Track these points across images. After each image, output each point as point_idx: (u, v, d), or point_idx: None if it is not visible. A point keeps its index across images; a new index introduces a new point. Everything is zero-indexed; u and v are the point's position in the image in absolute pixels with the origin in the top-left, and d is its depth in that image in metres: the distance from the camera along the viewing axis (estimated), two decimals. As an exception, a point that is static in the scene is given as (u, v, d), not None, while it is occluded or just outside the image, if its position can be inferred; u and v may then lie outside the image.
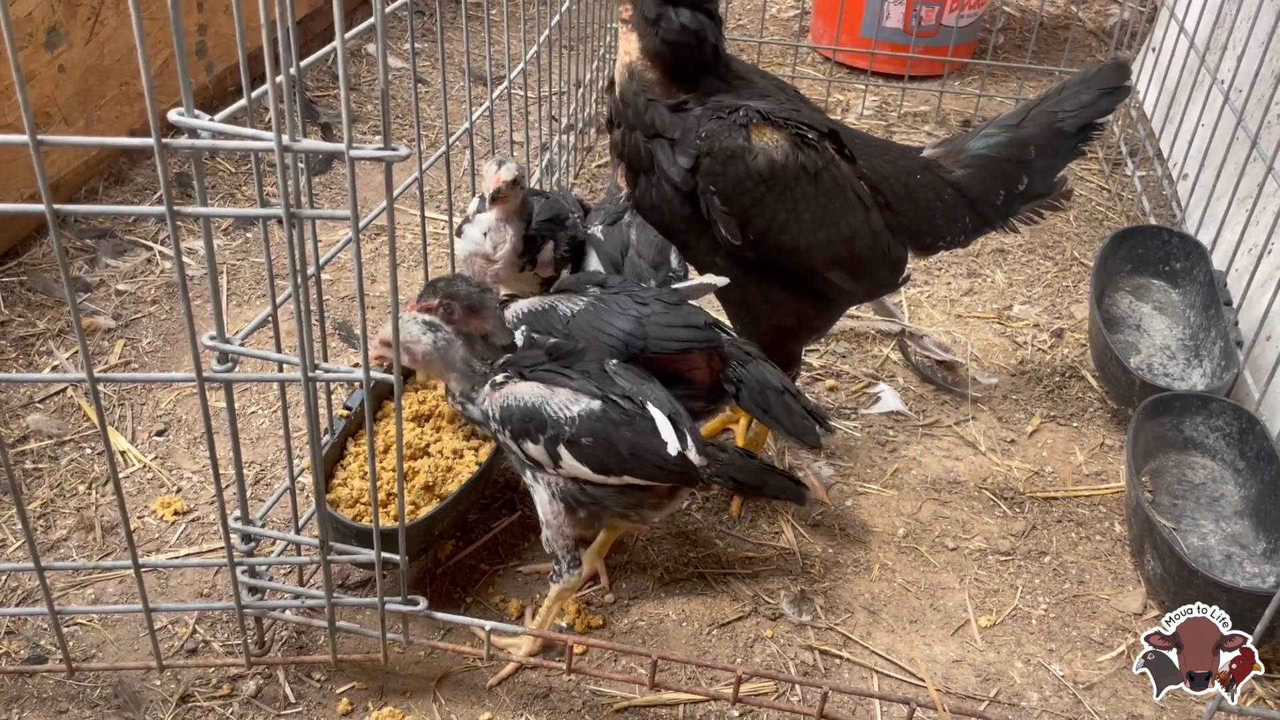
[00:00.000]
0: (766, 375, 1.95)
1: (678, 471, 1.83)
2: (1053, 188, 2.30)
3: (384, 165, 1.36)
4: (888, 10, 4.14)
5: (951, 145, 2.28)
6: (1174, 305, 2.81)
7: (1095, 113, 2.25)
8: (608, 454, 1.80)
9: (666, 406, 1.85)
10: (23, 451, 2.29)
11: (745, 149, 1.95)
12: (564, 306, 1.98)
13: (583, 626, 2.01)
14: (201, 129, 1.35)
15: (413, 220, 3.06)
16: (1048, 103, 2.27)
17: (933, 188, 2.21)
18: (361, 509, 1.98)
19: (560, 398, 1.82)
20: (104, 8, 2.94)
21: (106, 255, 2.89)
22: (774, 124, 1.98)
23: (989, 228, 2.30)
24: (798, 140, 1.99)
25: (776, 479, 1.98)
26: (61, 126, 2.88)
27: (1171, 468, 2.36)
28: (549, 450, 1.81)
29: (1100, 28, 4.85)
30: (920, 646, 2.03)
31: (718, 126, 1.95)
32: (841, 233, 2.08)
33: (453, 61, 4.11)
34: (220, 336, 1.52)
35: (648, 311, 1.93)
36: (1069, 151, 2.28)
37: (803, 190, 2.01)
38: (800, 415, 1.94)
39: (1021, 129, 2.24)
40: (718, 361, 1.96)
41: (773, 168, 1.96)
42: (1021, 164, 2.24)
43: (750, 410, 1.97)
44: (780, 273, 2.10)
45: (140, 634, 1.93)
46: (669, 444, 1.81)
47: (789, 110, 2.03)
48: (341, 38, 1.39)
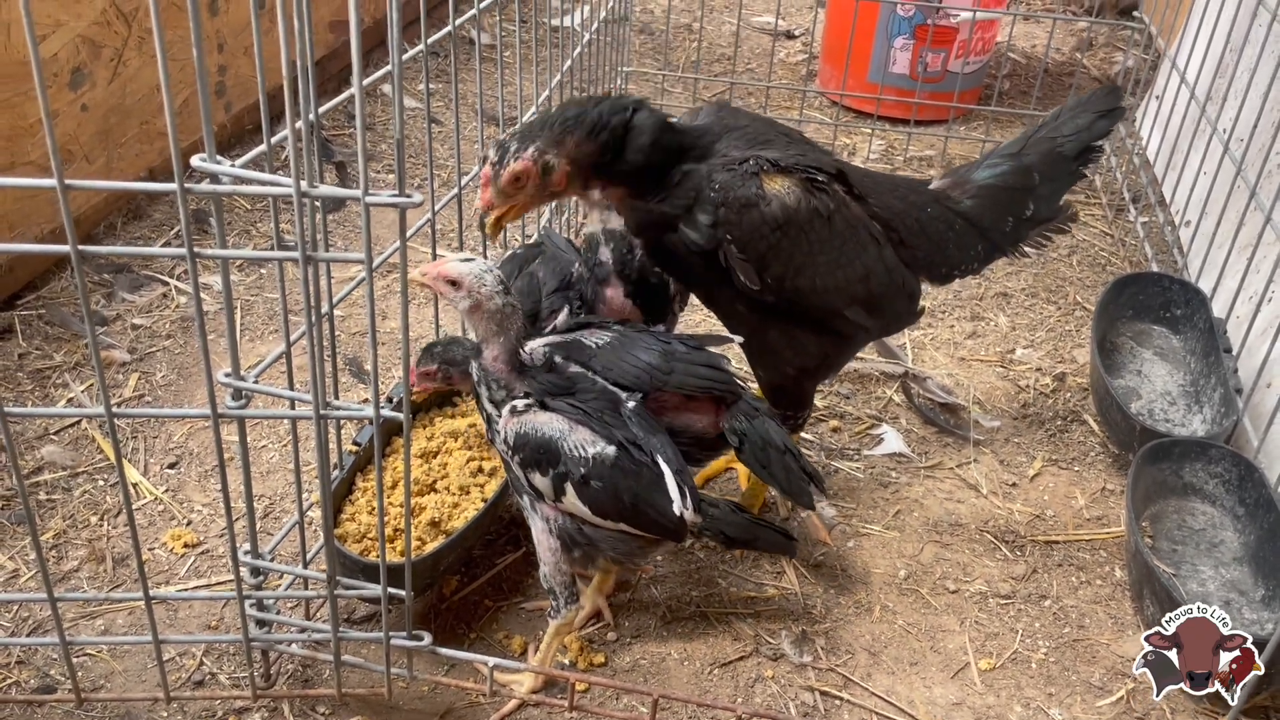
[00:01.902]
0: (770, 433, 1.97)
1: (672, 528, 1.86)
2: (1058, 212, 2.36)
3: (399, 211, 1.41)
4: (894, 56, 4.21)
5: (957, 176, 2.33)
6: (1175, 351, 2.83)
7: (1092, 135, 2.32)
8: (611, 500, 1.82)
9: (674, 462, 1.87)
10: (37, 483, 2.33)
11: (759, 196, 1.99)
12: (589, 340, 2.00)
13: (585, 664, 2.03)
14: (223, 174, 1.40)
15: (425, 258, 3.12)
16: (1046, 129, 2.33)
17: (944, 220, 2.26)
18: (369, 544, 2.01)
19: (579, 436, 1.84)
20: (127, 49, 3.02)
21: (123, 290, 2.94)
22: (784, 170, 2.02)
23: (1000, 254, 2.36)
24: (809, 184, 2.04)
25: (766, 533, 2.01)
26: (83, 164, 2.95)
27: (1171, 513, 2.38)
28: (555, 485, 1.84)
29: (1105, 75, 4.91)
30: (920, 689, 2.04)
31: (730, 178, 1.99)
32: (858, 271, 2.12)
33: (466, 103, 4.19)
34: (235, 373, 1.56)
35: (671, 349, 1.97)
36: (1070, 175, 2.34)
37: (817, 233, 2.05)
38: (797, 476, 1.98)
39: (1023, 156, 2.30)
40: (724, 412, 1.99)
41: (787, 213, 2.01)
42: (1027, 190, 2.30)
43: (750, 465, 2.00)
44: (800, 314, 2.13)
45: (148, 665, 1.96)
46: (675, 503, 1.84)
47: (795, 156, 2.08)
48: (360, 84, 1.44)
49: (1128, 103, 4.28)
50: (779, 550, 2.04)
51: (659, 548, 1.96)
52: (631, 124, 1.92)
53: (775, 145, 2.11)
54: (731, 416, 1.97)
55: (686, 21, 5.17)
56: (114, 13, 2.94)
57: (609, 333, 2.00)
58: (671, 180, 1.99)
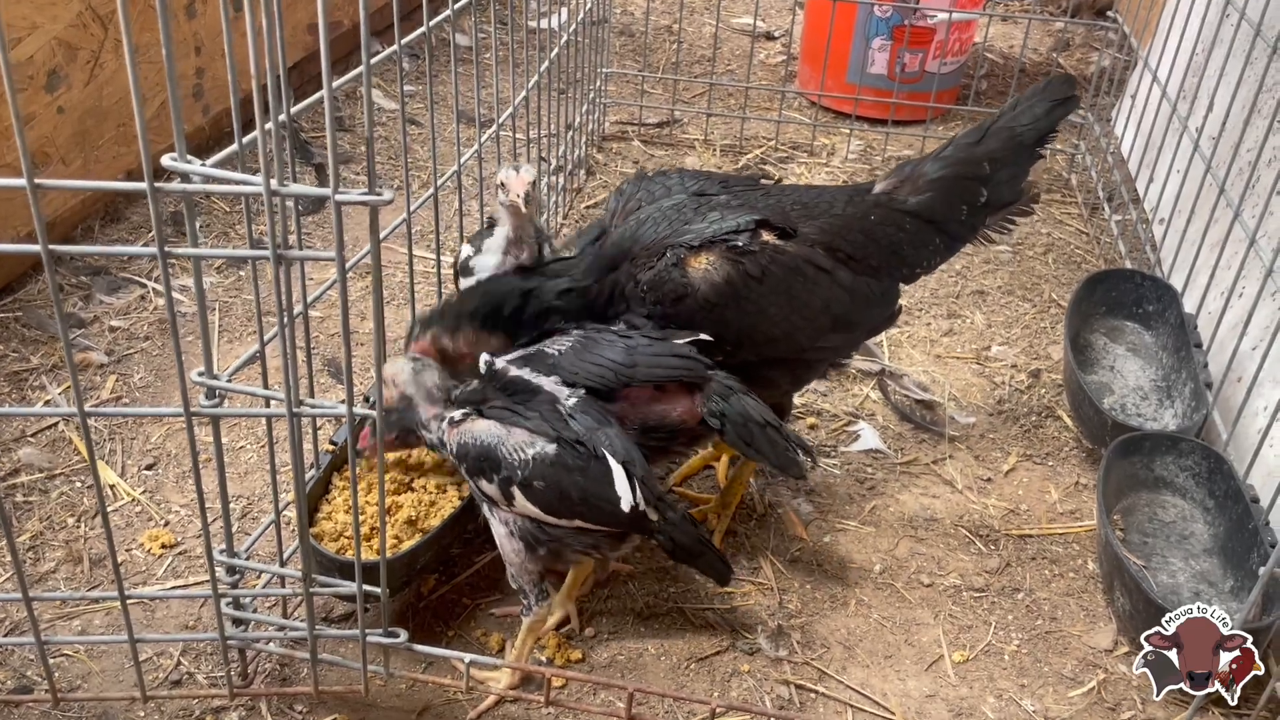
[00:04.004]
0: (749, 409, 1.96)
1: (628, 521, 1.87)
2: (1020, 194, 2.33)
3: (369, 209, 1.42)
4: (872, 57, 4.23)
5: (903, 174, 2.29)
6: (1147, 347, 2.87)
7: (1050, 124, 2.30)
8: (559, 499, 1.84)
9: (622, 454, 1.87)
10: (13, 485, 2.33)
11: (686, 286, 2.02)
12: (551, 349, 2.02)
13: (562, 660, 2.05)
14: (194, 174, 1.41)
15: (401, 259, 3.12)
16: (1005, 119, 2.31)
17: (892, 222, 2.21)
18: (345, 542, 2.01)
19: (516, 439, 1.86)
20: (104, 51, 3.02)
21: (101, 292, 2.94)
22: (702, 248, 2.04)
23: (962, 243, 2.33)
24: (731, 254, 2.04)
25: (711, 556, 1.99)
26: (60, 166, 2.95)
27: (1143, 506, 2.41)
28: (502, 490, 1.85)
29: (1081, 74, 4.95)
30: (894, 681, 2.06)
31: (653, 276, 2.03)
32: (815, 306, 2.12)
33: (446, 104, 4.20)
34: (209, 372, 1.57)
35: (634, 344, 1.98)
36: (1030, 158, 2.32)
37: (757, 294, 2.06)
38: (784, 448, 1.96)
39: (981, 145, 2.27)
40: (700, 399, 1.99)
41: (717, 291, 2.03)
42: (978, 179, 2.26)
43: (735, 445, 1.98)
44: (776, 360, 2.16)
45: (125, 665, 1.96)
46: (623, 498, 1.84)
47: (713, 221, 2.09)
48: (329, 86, 1.46)
49: (1105, 102, 4.32)
50: (716, 576, 2.00)
51: (628, 540, 1.96)
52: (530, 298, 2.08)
53: (687, 210, 2.12)
54: (708, 399, 1.97)
55: (666, 23, 5.19)
56: (90, 15, 2.94)
57: (569, 338, 2.02)
58: (597, 295, 2.09)
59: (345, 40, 4.20)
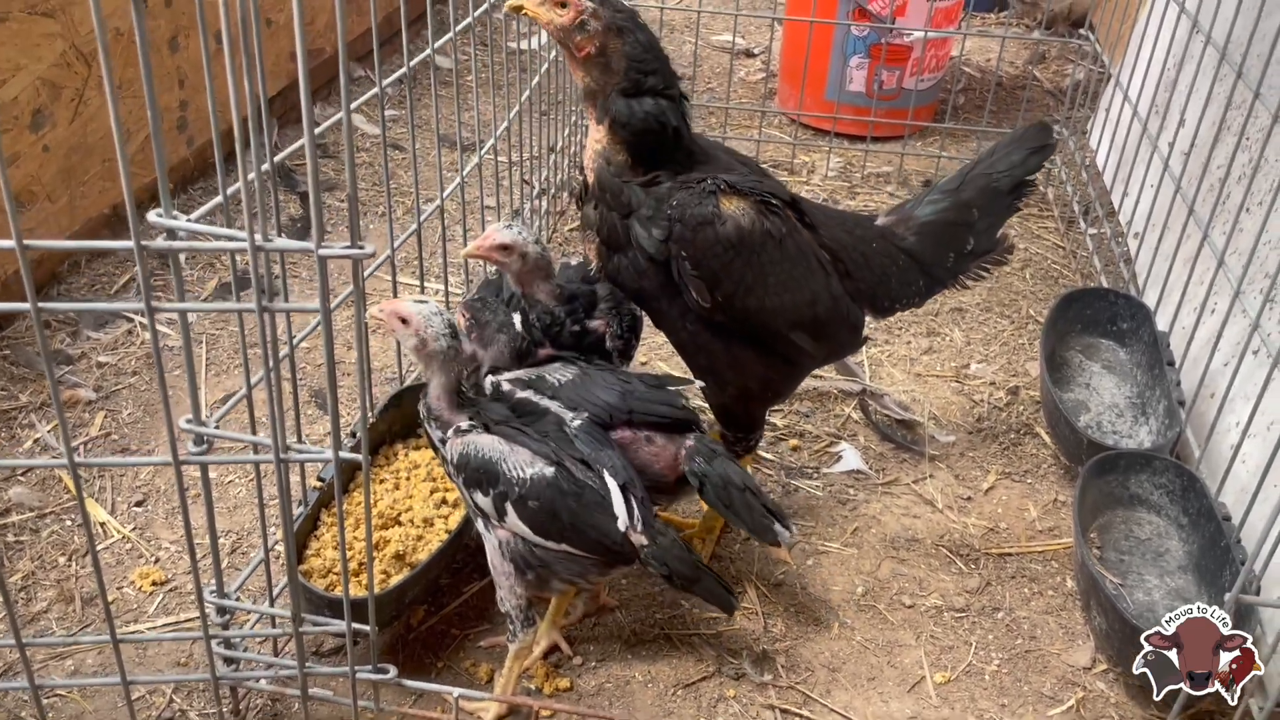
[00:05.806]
0: (730, 473, 2.02)
1: (615, 549, 1.91)
2: (996, 244, 2.45)
3: (352, 261, 1.45)
4: (850, 75, 4.28)
5: (900, 213, 2.42)
6: (1122, 364, 2.91)
7: (1025, 170, 2.41)
8: (550, 520, 1.88)
9: (622, 475, 1.92)
10: (4, 525, 2.35)
11: (715, 215, 2.07)
12: (552, 377, 2.06)
13: (550, 689, 2.08)
14: (179, 229, 1.44)
15: (386, 290, 3.15)
16: (982, 165, 2.42)
17: (889, 255, 2.35)
18: (334, 578, 2.04)
19: (518, 457, 1.90)
20: (88, 88, 3.04)
21: (88, 328, 2.96)
22: (740, 192, 2.11)
23: (941, 288, 2.45)
24: (763, 207, 2.12)
25: (710, 581, 1.99)
26: (45, 204, 2.97)
27: (1119, 524, 2.45)
28: (496, 505, 1.89)
29: (1057, 87, 5.02)
30: (878, 703, 2.10)
31: (688, 196, 2.08)
32: (805, 296, 2.19)
33: (430, 127, 4.23)
34: (196, 419, 1.60)
35: (630, 389, 2.04)
36: (1007, 209, 2.44)
37: (768, 255, 2.13)
38: (760, 513, 2.01)
39: (962, 193, 2.39)
40: (684, 456, 2.04)
41: (740, 233, 2.09)
42: (967, 226, 2.40)
43: (713, 505, 2.05)
44: (746, 335, 2.20)
45: (119, 704, 1.98)
46: (619, 519, 1.88)
47: (753, 181, 2.16)
48: (310, 135, 1.49)
49: (1080, 114, 4.37)
50: (717, 602, 2.00)
51: (613, 569, 2.00)
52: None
53: (736, 173, 2.19)
54: (690, 459, 2.03)
55: (647, 42, 5.22)
56: (74, 54, 2.97)
57: (572, 369, 2.07)
58: (661, 173, 2.10)
59: (328, 67, 4.23)
